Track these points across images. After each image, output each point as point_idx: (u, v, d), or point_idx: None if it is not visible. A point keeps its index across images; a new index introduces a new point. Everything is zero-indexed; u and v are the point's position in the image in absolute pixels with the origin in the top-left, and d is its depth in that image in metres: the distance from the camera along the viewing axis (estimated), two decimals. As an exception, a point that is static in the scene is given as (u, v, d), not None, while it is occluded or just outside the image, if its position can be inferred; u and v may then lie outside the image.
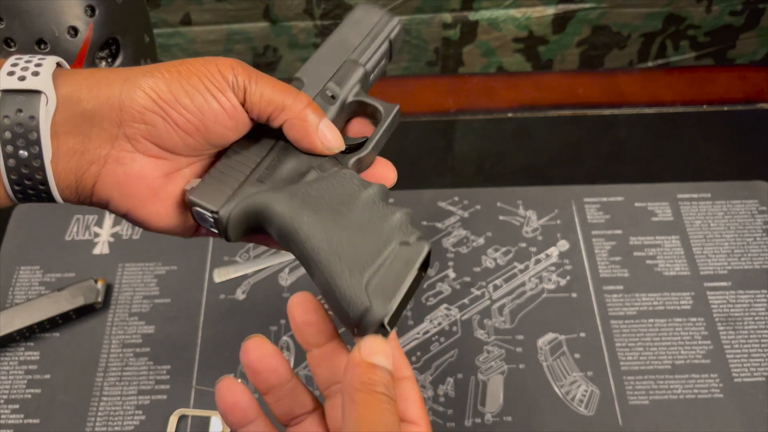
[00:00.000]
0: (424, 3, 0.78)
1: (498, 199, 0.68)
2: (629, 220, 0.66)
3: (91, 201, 0.36)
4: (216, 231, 0.37)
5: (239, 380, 0.36)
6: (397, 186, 0.41)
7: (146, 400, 0.56)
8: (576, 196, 0.68)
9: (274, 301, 0.61)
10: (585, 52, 0.83)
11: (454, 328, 0.60)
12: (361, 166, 0.40)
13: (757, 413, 0.55)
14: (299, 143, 0.38)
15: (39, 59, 0.34)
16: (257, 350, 0.35)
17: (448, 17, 0.80)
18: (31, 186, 0.34)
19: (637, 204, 0.67)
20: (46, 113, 0.33)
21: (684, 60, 0.85)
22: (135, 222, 0.37)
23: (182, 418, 0.55)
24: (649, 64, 0.85)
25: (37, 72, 0.33)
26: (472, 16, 0.80)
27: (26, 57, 0.35)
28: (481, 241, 0.65)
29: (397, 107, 0.42)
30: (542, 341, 0.59)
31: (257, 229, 0.37)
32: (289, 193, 0.36)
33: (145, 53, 0.55)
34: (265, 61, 0.87)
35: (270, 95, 0.36)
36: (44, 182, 0.34)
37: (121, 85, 0.34)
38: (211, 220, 0.36)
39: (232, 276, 0.63)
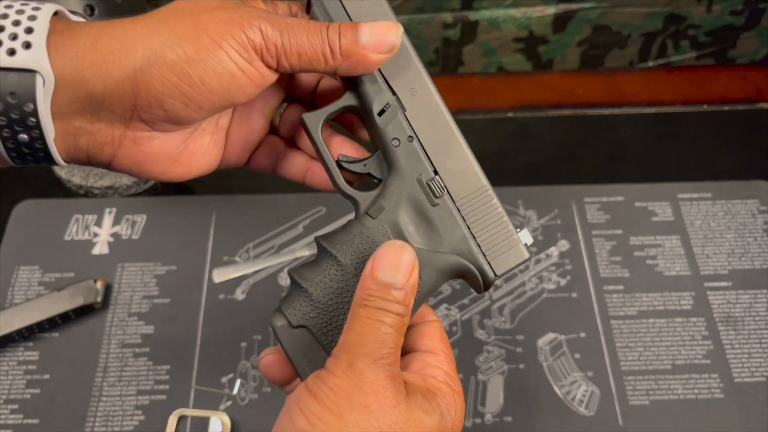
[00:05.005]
0: (424, 3, 0.78)
1: (498, 198, 0.68)
2: (629, 220, 0.66)
3: (106, 169, 0.34)
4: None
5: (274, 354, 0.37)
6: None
7: (146, 400, 0.56)
8: (576, 195, 0.68)
9: (273, 301, 0.61)
10: (585, 52, 0.83)
11: (454, 328, 0.60)
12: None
13: (758, 413, 0.55)
14: (356, 74, 0.34)
15: (31, 11, 0.29)
16: (269, 366, 0.37)
17: (448, 17, 0.79)
18: (33, 160, 0.31)
19: (637, 204, 0.67)
20: (44, 95, 0.28)
21: (684, 60, 0.85)
22: (156, 180, 0.36)
23: (182, 419, 0.55)
24: (650, 63, 0.85)
25: (29, 43, 0.28)
26: (473, 15, 0.79)
27: (16, 7, 0.29)
28: (481, 241, 0.65)
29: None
30: (542, 341, 0.59)
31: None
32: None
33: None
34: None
35: (309, 52, 0.32)
36: (49, 158, 0.30)
37: (133, 64, 0.29)
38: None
39: (232, 276, 0.63)
